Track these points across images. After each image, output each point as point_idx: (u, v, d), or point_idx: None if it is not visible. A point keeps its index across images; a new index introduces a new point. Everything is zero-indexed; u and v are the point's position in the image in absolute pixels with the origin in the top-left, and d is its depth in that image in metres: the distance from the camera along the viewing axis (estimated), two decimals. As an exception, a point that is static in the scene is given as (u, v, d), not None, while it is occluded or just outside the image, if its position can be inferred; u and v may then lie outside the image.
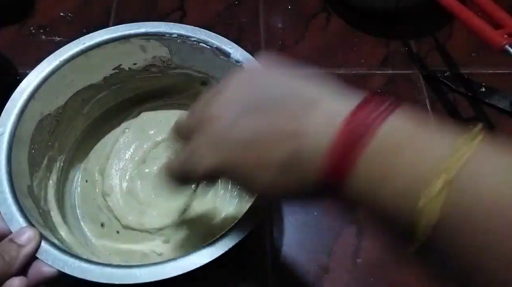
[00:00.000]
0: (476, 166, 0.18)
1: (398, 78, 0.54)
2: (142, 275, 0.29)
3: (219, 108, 0.25)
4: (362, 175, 0.21)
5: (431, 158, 0.19)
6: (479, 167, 0.19)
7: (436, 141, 0.20)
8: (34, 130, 0.37)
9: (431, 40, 0.58)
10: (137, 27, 0.39)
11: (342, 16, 0.59)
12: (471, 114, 0.52)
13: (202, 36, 0.39)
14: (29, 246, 0.29)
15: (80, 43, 0.38)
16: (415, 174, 0.19)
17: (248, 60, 0.38)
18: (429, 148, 0.20)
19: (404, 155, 0.20)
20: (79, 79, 0.40)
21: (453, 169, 0.18)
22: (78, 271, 0.29)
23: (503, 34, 0.41)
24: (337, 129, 0.21)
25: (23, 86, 0.36)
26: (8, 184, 0.32)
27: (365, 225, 0.44)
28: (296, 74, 0.25)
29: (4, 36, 0.55)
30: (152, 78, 0.44)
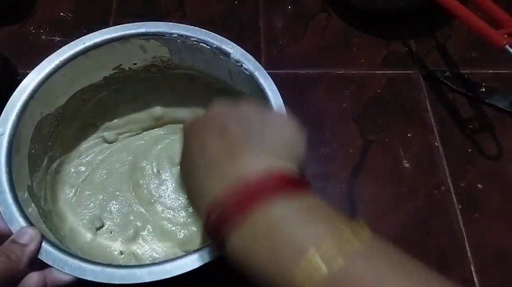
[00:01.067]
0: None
1: (398, 78, 0.54)
2: (142, 274, 0.29)
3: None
4: (235, 246, 0.22)
5: (292, 250, 0.20)
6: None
7: (303, 234, 0.21)
8: (34, 130, 0.37)
9: (431, 40, 0.58)
10: (137, 27, 0.39)
11: (342, 16, 0.59)
12: (471, 114, 0.52)
13: (202, 36, 0.39)
14: (31, 245, 0.29)
15: (80, 43, 0.38)
16: (276, 259, 0.21)
17: (248, 60, 0.38)
18: (293, 241, 0.21)
19: (271, 238, 0.21)
20: (79, 79, 0.40)
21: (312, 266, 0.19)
22: (78, 271, 0.29)
23: (503, 34, 0.41)
24: (222, 199, 0.22)
25: (23, 86, 0.36)
26: (8, 184, 0.32)
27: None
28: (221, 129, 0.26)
29: (4, 36, 0.55)
30: (152, 78, 0.44)
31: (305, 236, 0.21)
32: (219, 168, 0.24)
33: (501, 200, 0.46)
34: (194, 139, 0.27)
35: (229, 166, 0.24)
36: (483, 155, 0.49)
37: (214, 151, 0.25)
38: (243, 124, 0.26)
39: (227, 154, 0.24)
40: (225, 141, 0.25)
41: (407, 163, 0.48)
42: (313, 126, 0.50)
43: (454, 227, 0.45)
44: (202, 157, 0.25)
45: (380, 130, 0.50)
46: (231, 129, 0.25)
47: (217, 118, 0.26)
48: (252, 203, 0.22)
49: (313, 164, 0.48)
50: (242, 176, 0.23)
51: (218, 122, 0.26)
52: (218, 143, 0.25)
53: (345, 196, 0.46)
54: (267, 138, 0.25)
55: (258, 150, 0.24)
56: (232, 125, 0.25)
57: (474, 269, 0.42)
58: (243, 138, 0.25)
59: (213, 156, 0.25)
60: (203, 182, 0.25)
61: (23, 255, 0.29)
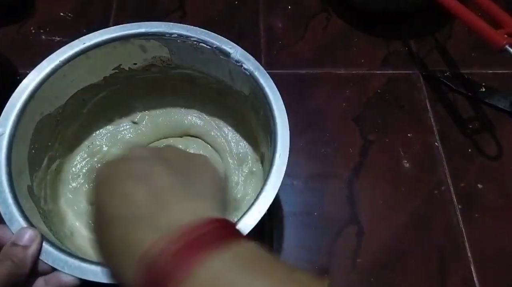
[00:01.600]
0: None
1: (398, 78, 0.54)
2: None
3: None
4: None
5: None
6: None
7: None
8: (34, 130, 0.37)
9: (431, 40, 0.58)
10: (137, 27, 0.39)
11: (342, 16, 0.59)
12: (471, 114, 0.52)
13: (202, 36, 0.39)
14: (33, 246, 0.29)
15: (80, 43, 0.38)
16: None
17: (248, 60, 0.38)
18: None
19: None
20: (79, 79, 0.40)
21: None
22: (78, 271, 0.29)
23: (503, 34, 0.41)
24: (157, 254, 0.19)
25: (23, 86, 0.36)
26: (8, 184, 0.32)
27: (365, 225, 0.44)
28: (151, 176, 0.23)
29: (4, 36, 0.55)
30: (152, 79, 0.44)
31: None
32: (147, 220, 0.21)
33: (501, 200, 0.46)
34: (111, 189, 0.23)
35: (159, 217, 0.21)
36: (483, 155, 0.49)
37: (139, 201, 0.22)
38: (168, 170, 0.23)
39: (155, 203, 0.21)
40: (151, 188, 0.22)
41: (407, 163, 0.48)
42: (313, 126, 0.50)
43: (454, 227, 0.45)
44: (124, 208, 0.22)
45: (380, 130, 0.50)
46: (156, 175, 0.23)
47: (137, 164, 0.23)
48: (193, 258, 0.19)
49: (313, 164, 0.48)
50: (176, 228, 0.20)
51: (139, 168, 0.23)
52: (142, 191, 0.22)
53: (345, 196, 0.46)
54: (194, 184, 0.23)
55: (187, 197, 0.22)
56: (156, 171, 0.23)
57: (474, 269, 0.42)
58: (170, 185, 0.22)
59: (138, 206, 0.21)
60: (128, 236, 0.21)
61: (25, 258, 0.29)
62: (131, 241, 0.21)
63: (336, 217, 0.45)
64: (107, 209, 0.22)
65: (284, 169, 0.33)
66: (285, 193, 0.46)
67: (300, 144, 0.49)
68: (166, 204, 0.21)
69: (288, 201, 0.46)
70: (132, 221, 0.21)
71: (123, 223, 0.21)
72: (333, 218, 0.45)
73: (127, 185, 0.22)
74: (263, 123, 0.38)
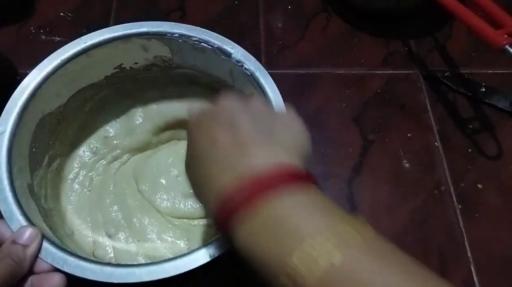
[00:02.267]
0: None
1: (398, 78, 0.54)
2: (141, 274, 0.29)
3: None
4: (242, 238, 0.23)
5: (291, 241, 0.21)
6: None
7: (304, 226, 0.22)
8: (35, 129, 0.37)
9: (431, 40, 0.58)
10: (139, 26, 0.39)
11: (342, 16, 0.59)
12: (471, 114, 0.52)
13: (203, 36, 0.39)
14: (33, 245, 0.29)
15: (82, 42, 0.38)
16: (276, 248, 0.22)
17: (249, 60, 0.38)
18: (294, 232, 0.21)
19: (275, 230, 0.22)
20: (80, 78, 0.40)
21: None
22: (77, 269, 0.29)
23: (503, 34, 0.41)
24: (231, 191, 0.23)
25: (24, 84, 0.36)
26: (8, 182, 0.32)
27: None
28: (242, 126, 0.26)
29: (4, 36, 0.55)
30: (153, 78, 0.44)
31: (305, 228, 0.21)
32: (229, 161, 0.24)
33: (501, 200, 0.46)
34: (202, 132, 0.27)
35: (238, 160, 0.24)
36: (483, 155, 0.49)
37: (224, 144, 0.25)
38: (253, 121, 0.26)
39: (237, 148, 0.25)
40: (235, 136, 0.25)
41: (407, 163, 0.48)
42: (313, 126, 0.50)
43: (454, 227, 0.45)
44: (211, 150, 0.25)
45: (380, 130, 0.50)
46: (241, 125, 0.25)
47: (226, 113, 0.27)
48: (259, 196, 0.22)
49: (313, 164, 0.48)
50: (251, 170, 0.23)
51: (227, 116, 0.26)
52: (228, 137, 0.25)
53: (345, 196, 0.46)
54: (276, 135, 0.26)
55: (267, 145, 0.25)
56: (242, 121, 0.26)
57: (474, 269, 0.42)
58: (253, 134, 0.25)
59: (223, 149, 0.25)
60: (212, 174, 0.25)
61: (25, 256, 0.29)
62: (214, 177, 0.25)
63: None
64: (197, 149, 0.26)
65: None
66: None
67: (300, 144, 0.48)
68: (246, 149, 0.24)
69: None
70: (216, 162, 0.25)
71: (209, 162, 0.25)
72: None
73: (216, 130, 0.26)
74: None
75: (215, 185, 0.24)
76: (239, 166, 0.24)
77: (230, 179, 0.24)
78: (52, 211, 0.38)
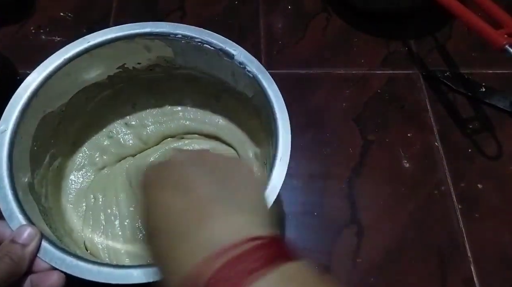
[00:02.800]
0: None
1: (398, 78, 0.54)
2: (139, 275, 0.29)
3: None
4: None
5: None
6: None
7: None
8: (36, 128, 0.37)
9: (431, 40, 0.58)
10: (142, 27, 0.39)
11: (342, 16, 0.59)
12: (471, 114, 0.52)
13: (206, 38, 0.39)
14: (32, 244, 0.29)
15: (85, 41, 0.38)
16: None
17: (251, 62, 0.38)
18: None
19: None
20: (83, 78, 0.40)
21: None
22: (76, 270, 0.29)
23: (503, 34, 0.41)
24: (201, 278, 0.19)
25: (26, 83, 0.36)
26: (9, 180, 0.32)
27: (365, 225, 0.44)
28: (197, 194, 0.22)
29: (4, 36, 0.55)
30: (156, 78, 0.44)
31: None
32: (188, 237, 0.21)
33: (501, 200, 0.46)
34: (154, 197, 0.23)
35: (200, 234, 0.21)
36: (483, 155, 0.49)
37: (180, 214, 0.22)
38: (210, 181, 0.23)
39: (196, 218, 0.21)
40: (191, 201, 0.22)
41: (407, 163, 0.48)
42: (313, 126, 0.50)
43: (454, 227, 0.45)
44: (166, 220, 0.22)
45: (380, 130, 0.50)
46: (196, 187, 0.22)
47: (178, 172, 0.24)
48: (237, 284, 0.19)
49: (313, 164, 0.48)
50: (219, 249, 0.20)
51: (180, 176, 0.23)
52: (183, 203, 0.22)
53: (345, 196, 0.46)
54: (237, 196, 0.23)
55: (230, 211, 0.21)
56: (197, 181, 0.23)
57: (474, 269, 0.42)
58: (211, 198, 0.22)
59: (179, 220, 0.21)
60: (171, 252, 0.21)
61: (24, 256, 0.29)
62: (175, 255, 0.21)
63: (336, 217, 0.45)
64: (152, 219, 0.23)
65: (284, 173, 0.33)
66: (285, 193, 0.46)
67: (300, 144, 0.49)
68: (206, 217, 0.21)
69: (288, 201, 0.46)
70: (174, 236, 0.21)
71: (166, 236, 0.22)
72: (333, 218, 0.45)
73: (167, 195, 0.22)
74: (265, 125, 0.38)
75: (177, 265, 0.21)
76: (202, 241, 0.20)
77: (197, 260, 0.20)
78: (52, 210, 0.38)
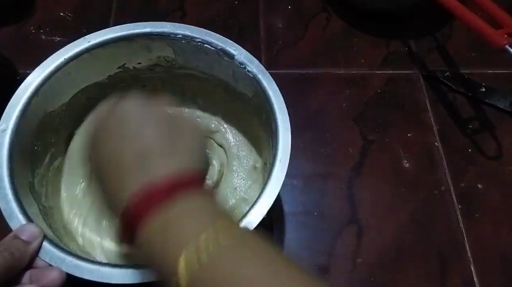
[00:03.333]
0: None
1: (398, 78, 0.54)
2: (139, 275, 0.29)
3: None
4: (142, 247, 0.25)
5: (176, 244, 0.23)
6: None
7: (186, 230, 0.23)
8: (37, 127, 0.37)
9: (431, 40, 0.58)
10: (142, 26, 0.39)
11: (342, 16, 0.59)
12: (471, 114, 0.52)
13: (206, 37, 0.39)
14: (34, 243, 0.29)
15: (85, 41, 0.38)
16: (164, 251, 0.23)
17: (252, 62, 0.38)
18: (179, 235, 0.23)
19: (164, 235, 0.23)
20: (83, 77, 0.40)
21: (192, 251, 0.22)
22: (75, 269, 0.29)
23: (503, 34, 0.41)
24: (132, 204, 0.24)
25: (27, 82, 0.36)
26: (9, 179, 0.32)
27: (365, 225, 0.44)
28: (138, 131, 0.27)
29: (4, 36, 0.55)
30: (156, 78, 0.44)
31: (186, 232, 0.23)
32: (130, 173, 0.26)
33: (501, 200, 0.46)
34: (106, 139, 0.28)
35: (139, 173, 0.25)
36: (483, 155, 0.49)
37: (127, 156, 0.26)
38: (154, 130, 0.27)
39: (139, 161, 0.26)
40: (138, 148, 0.26)
41: (407, 163, 0.48)
42: (313, 126, 0.50)
43: (454, 227, 0.45)
44: (114, 160, 0.27)
45: (380, 130, 0.50)
46: (143, 136, 0.27)
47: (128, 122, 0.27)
48: (154, 208, 0.24)
49: (313, 164, 0.48)
50: (149, 182, 0.25)
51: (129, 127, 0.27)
52: (130, 149, 0.26)
53: (345, 196, 0.46)
54: (175, 142, 0.27)
55: (166, 155, 0.26)
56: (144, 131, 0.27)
57: (474, 269, 0.42)
58: (153, 145, 0.26)
59: (125, 161, 0.26)
60: (115, 188, 0.26)
61: (26, 252, 0.29)
62: (117, 191, 0.26)
63: (336, 217, 0.45)
64: (101, 156, 0.27)
65: (284, 173, 0.33)
66: (285, 193, 0.46)
67: (300, 144, 0.49)
68: (148, 160, 0.26)
69: (288, 201, 0.46)
70: (119, 174, 0.26)
71: (113, 175, 0.26)
72: (333, 218, 0.45)
73: (117, 140, 0.27)
74: (265, 126, 0.38)
75: (119, 198, 0.25)
76: (139, 177, 0.25)
77: (130, 192, 0.25)
78: (52, 209, 0.38)
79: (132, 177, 0.26)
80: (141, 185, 0.25)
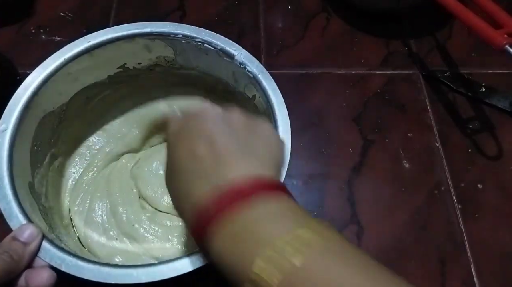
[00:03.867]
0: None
1: (398, 78, 0.54)
2: (139, 275, 0.29)
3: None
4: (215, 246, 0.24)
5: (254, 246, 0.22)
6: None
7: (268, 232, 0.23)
8: (37, 127, 0.37)
9: (431, 40, 0.58)
10: (142, 27, 0.39)
11: (342, 16, 0.59)
12: (471, 114, 0.52)
13: (206, 37, 0.39)
14: (33, 244, 0.29)
15: (85, 41, 0.38)
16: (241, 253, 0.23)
17: (252, 62, 0.38)
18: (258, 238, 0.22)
19: (242, 237, 0.23)
20: (83, 77, 0.40)
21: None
22: (75, 269, 0.29)
23: (503, 34, 0.41)
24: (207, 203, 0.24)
25: (27, 83, 0.36)
26: (9, 180, 0.32)
27: (365, 225, 0.44)
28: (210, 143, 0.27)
29: (4, 36, 0.55)
30: (156, 78, 0.44)
31: (268, 234, 0.22)
32: (205, 175, 0.25)
33: (501, 200, 0.46)
34: (182, 145, 0.28)
35: (215, 173, 0.25)
36: (483, 155, 0.49)
37: (203, 158, 0.26)
38: (231, 133, 0.27)
39: (214, 162, 0.26)
40: (213, 149, 0.26)
41: (407, 163, 0.48)
42: (313, 126, 0.50)
43: (454, 227, 0.45)
44: (190, 163, 0.26)
45: (380, 130, 0.50)
46: (220, 138, 0.26)
47: (206, 126, 0.28)
48: (231, 207, 0.24)
49: (313, 164, 0.48)
50: (225, 182, 0.25)
51: (207, 129, 0.27)
52: (206, 151, 0.26)
53: (345, 196, 0.46)
54: (252, 148, 0.27)
55: (242, 158, 0.26)
56: (220, 134, 0.27)
57: (474, 269, 0.42)
58: (230, 147, 0.26)
59: (201, 163, 0.26)
60: (191, 187, 0.26)
61: (24, 254, 0.29)
62: (191, 190, 0.26)
63: (336, 217, 0.45)
64: (177, 163, 0.27)
65: (284, 173, 0.33)
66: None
67: (300, 144, 0.49)
68: (222, 162, 0.26)
69: (288, 201, 0.45)
70: (194, 176, 0.26)
71: (187, 176, 0.26)
72: (333, 218, 0.45)
73: (195, 143, 0.27)
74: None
75: (191, 198, 0.25)
76: (214, 179, 0.25)
77: (206, 191, 0.25)
78: (52, 209, 0.38)
79: (209, 176, 0.25)
80: (218, 184, 0.25)
